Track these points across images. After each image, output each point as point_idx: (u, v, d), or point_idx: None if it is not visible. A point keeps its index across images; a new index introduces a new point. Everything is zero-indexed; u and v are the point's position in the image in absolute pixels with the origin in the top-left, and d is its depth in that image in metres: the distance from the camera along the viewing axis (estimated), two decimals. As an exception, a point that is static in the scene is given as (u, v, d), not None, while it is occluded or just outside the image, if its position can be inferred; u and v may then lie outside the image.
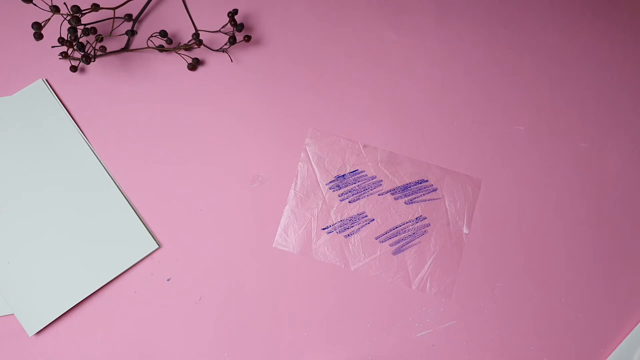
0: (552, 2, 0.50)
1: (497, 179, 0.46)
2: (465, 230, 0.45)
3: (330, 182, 0.46)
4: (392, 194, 0.46)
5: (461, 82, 0.48)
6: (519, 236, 0.45)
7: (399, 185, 0.46)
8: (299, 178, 0.45)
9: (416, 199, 0.46)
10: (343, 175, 0.46)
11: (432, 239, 0.45)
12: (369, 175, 0.46)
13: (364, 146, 0.46)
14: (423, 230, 0.45)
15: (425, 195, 0.46)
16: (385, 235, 0.45)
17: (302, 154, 0.46)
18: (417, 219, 0.45)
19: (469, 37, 0.49)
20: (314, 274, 0.44)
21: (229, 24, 0.46)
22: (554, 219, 0.46)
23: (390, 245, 0.45)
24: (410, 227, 0.45)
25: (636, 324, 0.45)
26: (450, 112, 0.47)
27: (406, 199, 0.46)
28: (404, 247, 0.45)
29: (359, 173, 0.46)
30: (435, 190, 0.46)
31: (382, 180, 0.46)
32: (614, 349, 0.44)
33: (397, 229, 0.45)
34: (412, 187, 0.46)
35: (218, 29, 0.47)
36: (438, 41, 0.49)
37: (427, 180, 0.46)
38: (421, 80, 0.48)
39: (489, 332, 0.44)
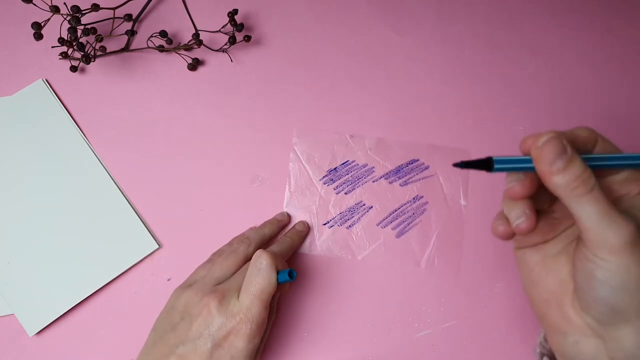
0: (552, 2, 0.50)
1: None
2: (463, 202, 0.45)
3: (323, 177, 0.46)
4: (386, 178, 0.46)
5: (461, 82, 0.48)
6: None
7: (392, 169, 0.46)
8: (292, 178, 0.46)
9: (410, 180, 0.46)
10: (335, 168, 0.46)
11: (433, 216, 0.45)
12: (360, 164, 0.46)
13: (351, 136, 0.46)
14: (422, 209, 0.45)
15: (419, 175, 0.46)
16: (386, 220, 0.45)
17: (291, 154, 0.46)
18: (414, 199, 0.46)
19: (469, 37, 0.49)
20: (314, 273, 0.44)
21: (229, 24, 0.46)
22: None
23: (392, 229, 0.45)
24: (409, 208, 0.45)
25: (636, 324, 0.45)
26: (450, 111, 0.47)
27: (400, 181, 0.46)
28: (406, 229, 0.45)
29: (350, 163, 0.46)
30: (427, 167, 0.46)
31: (374, 167, 0.46)
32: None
33: (397, 212, 0.45)
34: (404, 169, 0.46)
35: (218, 29, 0.47)
36: (438, 41, 0.49)
37: (418, 160, 0.46)
38: (421, 80, 0.48)
39: (489, 332, 0.44)
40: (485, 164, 0.28)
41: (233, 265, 0.39)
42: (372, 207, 0.46)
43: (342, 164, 0.46)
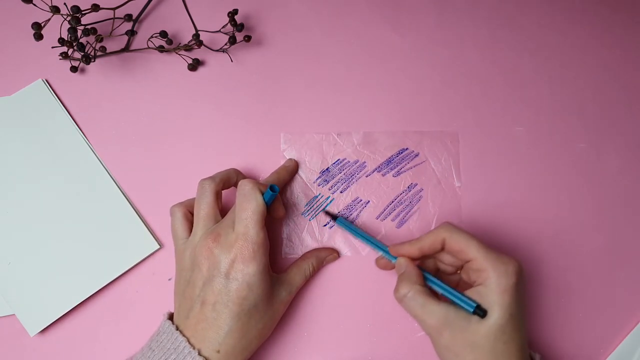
0: (552, 2, 0.50)
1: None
2: (457, 184, 0.46)
3: (317, 179, 0.46)
4: (378, 171, 0.46)
5: (461, 82, 0.48)
6: (517, 233, 0.46)
7: (382, 161, 0.46)
8: (286, 186, 0.46)
9: (402, 169, 0.46)
10: (327, 169, 0.46)
11: (429, 201, 0.46)
12: (351, 160, 0.46)
13: (338, 134, 0.46)
14: (418, 196, 0.46)
15: (410, 163, 0.46)
16: (384, 213, 0.46)
17: (282, 162, 0.46)
18: (409, 187, 0.46)
19: (469, 37, 0.49)
20: (316, 274, 0.44)
21: (229, 24, 0.46)
22: (554, 219, 0.46)
23: (392, 220, 0.46)
24: (405, 197, 0.46)
25: (636, 324, 0.45)
26: (449, 111, 0.47)
27: (393, 171, 0.46)
28: (405, 218, 0.46)
29: (341, 162, 0.46)
30: (417, 155, 0.46)
31: (365, 162, 0.46)
32: (614, 349, 0.44)
33: (394, 202, 0.46)
34: (395, 159, 0.46)
35: (218, 29, 0.47)
36: (437, 41, 0.49)
37: (407, 148, 0.46)
38: (421, 80, 0.48)
39: (488, 331, 0.44)
40: (334, 217, 0.44)
41: (208, 202, 0.39)
42: (369, 201, 0.46)
43: (334, 163, 0.46)
